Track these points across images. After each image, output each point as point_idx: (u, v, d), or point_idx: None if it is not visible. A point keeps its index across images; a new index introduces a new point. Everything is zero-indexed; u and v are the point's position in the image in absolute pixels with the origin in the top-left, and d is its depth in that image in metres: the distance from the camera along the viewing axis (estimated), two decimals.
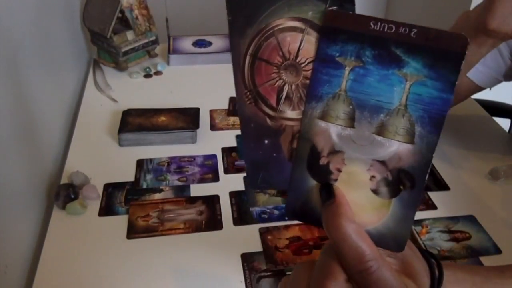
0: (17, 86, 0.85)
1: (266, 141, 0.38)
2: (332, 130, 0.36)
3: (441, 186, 0.92)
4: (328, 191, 0.36)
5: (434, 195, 0.90)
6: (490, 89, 0.98)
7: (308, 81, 0.36)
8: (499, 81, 0.96)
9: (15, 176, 0.80)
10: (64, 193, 0.85)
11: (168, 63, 1.33)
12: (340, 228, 0.34)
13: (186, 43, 1.39)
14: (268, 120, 0.38)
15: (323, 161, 0.36)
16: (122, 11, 1.25)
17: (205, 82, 1.25)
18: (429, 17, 2.07)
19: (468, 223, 0.84)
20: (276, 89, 0.37)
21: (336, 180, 0.37)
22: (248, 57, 0.37)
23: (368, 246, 0.34)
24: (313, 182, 0.37)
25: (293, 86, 0.36)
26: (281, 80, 0.36)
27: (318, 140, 0.36)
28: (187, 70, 1.31)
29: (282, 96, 0.37)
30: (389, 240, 0.36)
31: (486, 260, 0.78)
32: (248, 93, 0.37)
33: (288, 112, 0.37)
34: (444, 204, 0.88)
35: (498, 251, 0.79)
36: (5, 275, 0.72)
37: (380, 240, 0.36)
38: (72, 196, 0.85)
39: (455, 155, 1.01)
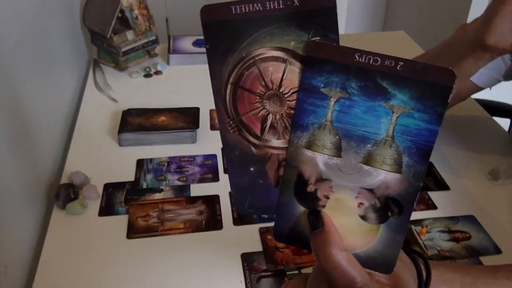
0: (16, 86, 0.85)
1: (251, 169, 0.38)
2: (319, 159, 0.35)
3: (441, 186, 0.93)
4: (316, 218, 0.36)
5: (434, 195, 0.90)
6: (490, 89, 0.98)
7: (292, 111, 0.35)
8: (499, 81, 0.96)
9: (15, 176, 0.80)
10: (64, 193, 0.85)
11: (168, 63, 1.33)
12: (330, 257, 0.34)
13: (186, 43, 1.39)
14: (253, 149, 0.37)
15: (310, 188, 0.36)
16: (122, 11, 1.25)
17: (205, 82, 1.23)
18: (429, 18, 2.07)
19: (468, 223, 0.84)
20: (260, 119, 0.36)
21: (324, 206, 0.37)
22: (229, 86, 0.36)
23: (358, 273, 0.34)
24: (300, 208, 0.37)
25: (277, 116, 0.36)
26: (265, 110, 0.36)
27: (305, 168, 0.36)
28: (187, 70, 1.31)
29: (266, 126, 0.36)
30: (378, 263, 0.37)
31: (486, 260, 0.78)
32: (231, 122, 0.37)
33: (273, 141, 0.37)
34: (444, 204, 0.88)
35: (498, 251, 0.79)
36: (5, 275, 0.72)
37: (369, 262, 0.37)
38: (72, 196, 0.85)
39: (455, 155, 1.01)
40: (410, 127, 0.33)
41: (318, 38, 0.33)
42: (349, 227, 0.36)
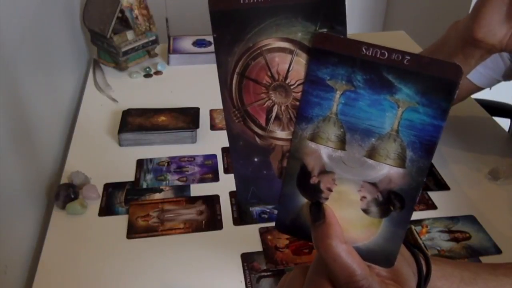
0: (16, 86, 0.85)
1: (255, 159, 0.38)
2: (323, 151, 0.35)
3: (441, 186, 0.92)
4: (318, 210, 0.36)
5: (434, 195, 0.90)
6: (490, 88, 0.98)
7: (298, 103, 0.35)
8: (498, 81, 0.96)
9: (15, 176, 0.80)
10: (64, 193, 0.85)
11: (168, 63, 1.33)
12: (330, 248, 0.34)
13: (186, 43, 1.39)
14: (257, 139, 0.37)
15: (313, 180, 0.36)
16: (122, 11, 1.25)
17: (205, 82, 1.24)
18: (429, 18, 2.07)
19: (468, 223, 0.84)
20: (265, 109, 0.36)
21: (326, 198, 0.37)
22: (235, 75, 0.36)
23: (358, 265, 0.34)
24: (303, 199, 0.37)
25: (283, 107, 0.36)
26: (270, 101, 0.36)
27: (309, 160, 0.36)
28: (187, 70, 1.31)
29: (271, 117, 0.36)
30: (378, 257, 0.37)
31: (486, 260, 0.77)
32: (236, 112, 0.37)
33: (277, 132, 0.37)
34: (444, 204, 0.88)
35: (498, 251, 0.79)
36: (5, 275, 0.72)
37: (370, 256, 0.37)
38: (72, 196, 0.85)
39: (455, 155, 1.01)
40: (414, 122, 0.33)
41: (325, 29, 0.33)
42: (351, 220, 0.36)
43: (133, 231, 0.82)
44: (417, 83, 0.32)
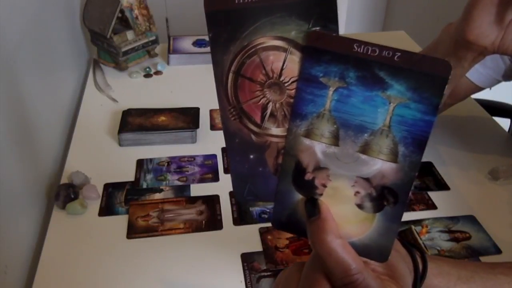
0: (16, 86, 0.85)
1: (251, 156, 0.38)
2: (317, 148, 0.36)
3: (441, 186, 0.93)
4: (313, 206, 0.37)
5: (434, 195, 0.90)
6: (490, 88, 0.98)
7: (292, 100, 0.36)
8: (499, 81, 0.96)
9: (15, 176, 0.80)
10: (64, 193, 0.85)
11: (168, 63, 1.33)
12: (326, 243, 0.35)
13: (186, 43, 1.39)
14: (252, 136, 0.38)
15: (308, 176, 0.37)
16: (122, 11, 1.25)
17: (205, 82, 1.24)
18: (429, 18, 2.07)
19: (468, 223, 0.84)
20: (260, 107, 0.37)
21: (321, 194, 0.37)
22: (231, 74, 0.37)
23: (353, 260, 0.35)
24: (298, 196, 0.38)
25: (277, 104, 0.36)
26: (265, 98, 0.37)
27: (303, 157, 0.37)
28: (187, 70, 1.31)
29: (266, 114, 0.37)
30: (373, 251, 0.37)
31: (486, 260, 0.77)
32: (232, 110, 0.37)
33: (272, 129, 0.37)
34: (444, 204, 0.88)
35: (498, 251, 0.79)
36: (5, 275, 0.72)
37: (364, 251, 0.37)
38: (72, 196, 0.85)
39: (455, 155, 1.01)
40: (406, 117, 0.33)
41: (318, 28, 0.34)
42: (346, 215, 0.37)
43: (133, 231, 0.82)
44: (408, 79, 0.32)
